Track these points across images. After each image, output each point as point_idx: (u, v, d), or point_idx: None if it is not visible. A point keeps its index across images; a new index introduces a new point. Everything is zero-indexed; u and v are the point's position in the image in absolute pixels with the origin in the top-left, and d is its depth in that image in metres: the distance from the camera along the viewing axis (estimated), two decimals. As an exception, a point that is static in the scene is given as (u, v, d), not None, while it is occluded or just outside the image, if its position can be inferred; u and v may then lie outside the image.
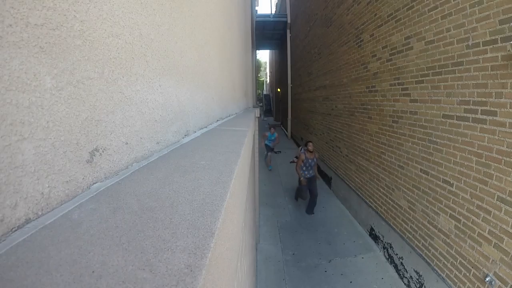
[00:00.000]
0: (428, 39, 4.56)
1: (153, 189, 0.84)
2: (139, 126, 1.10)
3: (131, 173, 0.98)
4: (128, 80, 1.02)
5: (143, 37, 1.13)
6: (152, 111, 1.22)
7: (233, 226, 0.98)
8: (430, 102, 4.58)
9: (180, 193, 0.82)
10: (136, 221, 0.64)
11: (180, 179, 0.94)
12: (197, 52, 2.02)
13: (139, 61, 1.10)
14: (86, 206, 0.71)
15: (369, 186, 7.12)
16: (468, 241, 3.84)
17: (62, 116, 0.68)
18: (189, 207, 0.73)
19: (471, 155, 3.78)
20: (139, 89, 1.10)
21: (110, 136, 0.91)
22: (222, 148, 1.47)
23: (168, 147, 1.41)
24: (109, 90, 0.90)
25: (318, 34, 11.88)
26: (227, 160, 1.23)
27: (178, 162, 1.14)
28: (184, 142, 1.60)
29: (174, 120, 1.51)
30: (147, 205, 0.72)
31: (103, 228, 0.61)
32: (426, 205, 4.80)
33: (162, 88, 1.34)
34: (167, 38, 1.39)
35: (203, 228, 0.62)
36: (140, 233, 0.59)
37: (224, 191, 0.85)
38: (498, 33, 3.29)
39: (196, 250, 0.54)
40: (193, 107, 1.90)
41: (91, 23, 0.81)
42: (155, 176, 0.96)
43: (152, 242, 0.56)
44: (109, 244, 0.55)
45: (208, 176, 0.98)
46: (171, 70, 1.46)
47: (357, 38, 7.62)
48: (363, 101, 7.30)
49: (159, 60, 1.29)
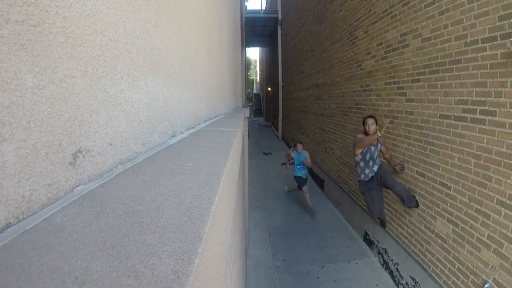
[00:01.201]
0: (425, 36, 4.61)
1: (139, 192, 0.84)
2: (124, 126, 1.10)
3: (115, 176, 0.98)
4: (112, 79, 1.01)
5: (128, 34, 1.13)
6: (137, 111, 1.23)
7: (222, 231, 0.98)
8: (427, 102, 4.64)
9: (167, 196, 0.82)
10: (120, 226, 0.64)
11: (166, 182, 0.94)
12: (184, 49, 2.03)
13: (124, 59, 1.10)
14: (69, 209, 0.71)
15: (364, 190, 7.13)
16: (466, 246, 3.89)
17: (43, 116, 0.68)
18: (176, 211, 0.73)
19: (470, 157, 3.83)
20: (124, 88, 1.10)
21: (94, 137, 0.91)
22: (211, 150, 1.48)
23: (154, 149, 1.41)
24: (93, 89, 0.90)
25: (310, 31, 11.94)
26: (215, 161, 1.23)
27: (164, 164, 1.15)
28: (171, 143, 1.60)
29: (160, 120, 1.51)
30: (132, 209, 0.72)
31: (87, 232, 0.60)
32: (422, 209, 4.84)
33: (148, 87, 1.34)
34: (153, 35, 1.40)
35: (191, 232, 0.62)
36: (125, 238, 0.59)
37: (212, 194, 0.85)
38: (497, 29, 3.34)
39: (183, 255, 0.54)
40: (180, 107, 1.90)
41: (74, 20, 0.81)
42: (140, 179, 0.96)
43: (138, 247, 0.56)
44: (92, 249, 0.54)
45: (196, 179, 0.98)
46: (157, 68, 1.46)
47: (350, 35, 7.67)
48: (357, 101, 7.34)
49: (144, 58, 1.30)
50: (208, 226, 0.67)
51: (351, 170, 7.82)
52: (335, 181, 9.12)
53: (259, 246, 7.00)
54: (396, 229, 5.66)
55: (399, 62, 5.39)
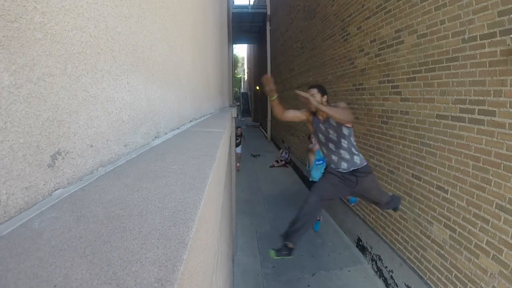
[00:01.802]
0: (421, 32, 4.65)
1: (121, 196, 0.84)
2: (105, 127, 1.10)
3: (96, 179, 0.97)
4: (93, 77, 1.01)
5: (109, 30, 1.12)
6: (119, 111, 1.22)
7: (208, 236, 0.98)
8: (423, 101, 4.68)
9: (150, 200, 0.82)
10: (101, 231, 0.64)
11: (150, 185, 0.94)
12: (168, 46, 2.02)
13: (105, 56, 1.09)
14: (48, 214, 0.70)
15: (357, 193, 7.15)
16: (464, 253, 3.93)
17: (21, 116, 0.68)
18: (160, 215, 0.73)
19: (468, 159, 3.87)
20: (105, 87, 1.10)
21: (74, 138, 0.91)
22: (196, 151, 1.47)
23: (137, 150, 1.40)
24: (73, 88, 0.90)
25: (301, 26, 11.99)
26: (201, 164, 1.24)
27: (147, 167, 1.14)
28: (155, 144, 1.60)
29: (143, 120, 1.50)
30: (113, 214, 0.72)
31: (66, 238, 0.60)
32: (418, 214, 4.89)
33: (130, 85, 1.33)
34: (135, 31, 1.39)
35: (175, 238, 0.62)
36: (106, 244, 0.59)
37: (198, 198, 0.85)
38: (497, 25, 3.37)
39: (168, 262, 0.54)
40: (164, 107, 1.90)
41: (53, 15, 0.80)
42: (122, 182, 0.96)
43: (119, 253, 0.56)
44: (72, 256, 0.54)
45: (181, 182, 0.99)
46: (140, 66, 1.46)
47: (343, 31, 7.71)
48: (350, 100, 7.37)
49: (127, 55, 1.29)
50: (194, 231, 0.67)
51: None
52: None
53: (247, 252, 6.98)
54: (391, 234, 5.70)
55: (393, 60, 5.43)
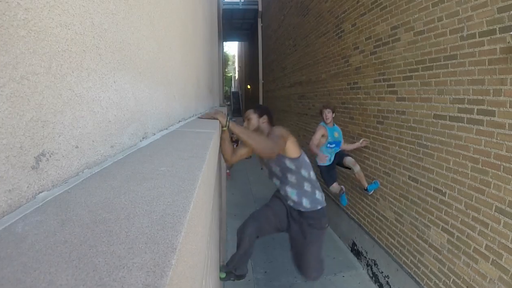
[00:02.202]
0: (418, 29, 4.67)
1: (107, 199, 0.83)
2: (91, 127, 1.07)
3: (82, 181, 0.96)
4: (78, 76, 0.99)
5: (95, 27, 1.11)
6: (105, 111, 1.20)
7: (198, 241, 0.97)
8: (420, 101, 4.69)
9: (138, 203, 0.81)
10: (87, 235, 0.63)
11: (137, 188, 0.93)
12: (156, 43, 2.00)
13: (91, 54, 1.07)
14: (31, 218, 0.69)
15: (351, 196, 7.22)
16: (463, 258, 3.95)
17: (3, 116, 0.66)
18: (148, 219, 0.72)
19: (466, 161, 3.89)
20: (91, 86, 1.08)
21: (58, 139, 0.88)
22: (185, 153, 1.46)
23: (124, 151, 1.39)
24: (57, 87, 0.88)
25: (293, 23, 12.01)
26: (190, 166, 1.22)
27: (135, 168, 1.13)
28: (142, 145, 1.58)
29: (130, 120, 1.48)
30: (100, 217, 0.71)
31: (51, 242, 0.59)
32: (415, 217, 4.90)
33: (117, 84, 1.31)
34: (122, 28, 1.37)
35: (164, 243, 0.62)
36: (92, 248, 0.58)
37: (187, 201, 0.84)
38: (496, 22, 3.38)
39: (156, 267, 0.53)
40: (152, 106, 1.88)
41: (37, 11, 0.78)
42: (109, 184, 0.94)
43: (106, 258, 0.55)
44: (57, 261, 0.53)
45: (169, 184, 0.97)
46: (127, 64, 1.44)
47: (337, 28, 7.73)
48: (344, 100, 7.41)
49: (113, 53, 1.27)
50: (183, 235, 0.66)
51: (338, 175, 7.85)
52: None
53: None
54: (387, 238, 5.72)
55: (389, 58, 5.45)
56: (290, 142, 3.60)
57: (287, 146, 3.59)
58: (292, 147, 3.64)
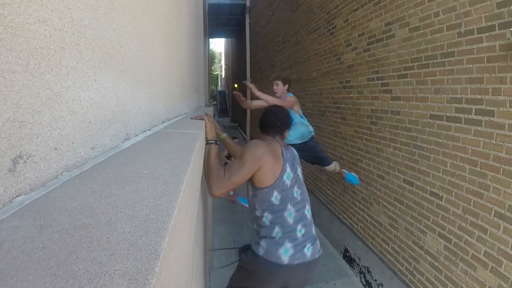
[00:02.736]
0: (413, 25, 4.65)
1: (87, 203, 0.84)
2: (70, 128, 1.08)
3: (61, 184, 0.97)
4: (57, 74, 0.99)
5: (75, 23, 1.11)
6: (86, 111, 1.21)
7: (182, 247, 0.99)
8: (415, 100, 4.67)
9: (119, 207, 0.82)
10: (67, 241, 0.64)
11: (119, 191, 0.95)
12: (139, 40, 2.02)
13: (70, 52, 1.08)
14: (8, 223, 0.70)
15: (343, 200, 7.21)
16: (460, 265, 3.92)
17: (-22, 116, 0.66)
18: (130, 224, 0.73)
19: (464, 163, 3.86)
20: (71, 85, 1.08)
21: (36, 141, 0.89)
22: (169, 155, 1.49)
23: (105, 153, 1.40)
24: (35, 86, 0.88)
25: (283, 19, 12.00)
26: (174, 168, 1.25)
27: (116, 171, 1.15)
28: (124, 147, 1.60)
29: (112, 121, 1.50)
30: (80, 222, 0.73)
31: (28, 249, 0.60)
32: (410, 222, 4.88)
33: (98, 83, 1.32)
34: (103, 24, 1.38)
35: (147, 249, 0.62)
36: (71, 255, 0.59)
37: (171, 206, 0.86)
38: (495, 18, 3.35)
39: (138, 275, 0.53)
40: (134, 106, 1.90)
41: (14, 7, 0.79)
42: (89, 188, 0.96)
43: (86, 265, 0.56)
44: (35, 268, 0.54)
45: (153, 188, 0.99)
46: (109, 62, 1.45)
47: (328, 24, 7.72)
48: (336, 99, 7.40)
49: (94, 50, 1.28)
50: (167, 241, 0.67)
51: (329, 178, 7.85)
52: (311, 191, 9.12)
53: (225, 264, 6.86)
54: (380, 245, 5.69)
55: (383, 55, 5.43)
56: (264, 166, 3.02)
57: (259, 171, 3.02)
58: (263, 172, 3.04)
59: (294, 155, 3.47)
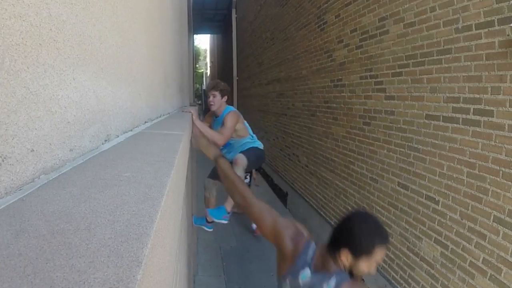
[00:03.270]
0: (408, 20, 4.64)
1: (66, 208, 0.84)
2: (48, 129, 1.08)
3: (38, 188, 0.97)
4: (34, 72, 0.98)
5: (52, 19, 1.09)
6: (64, 111, 1.20)
7: (166, 254, 0.99)
8: (410, 99, 4.67)
9: (99, 212, 0.82)
10: (44, 247, 0.63)
11: (99, 195, 0.94)
12: (120, 36, 2.01)
13: (48, 48, 1.07)
14: None
15: (335, 204, 7.20)
16: (458, 273, 3.91)
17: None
18: (111, 230, 0.73)
19: (462, 165, 3.85)
20: (48, 83, 1.08)
21: (12, 142, 0.88)
22: (152, 157, 1.51)
23: (84, 155, 1.41)
24: (11, 85, 0.87)
25: (271, 14, 12.01)
26: (157, 171, 1.26)
27: (96, 174, 1.15)
28: (104, 148, 1.60)
29: (91, 121, 1.49)
30: (58, 228, 0.72)
31: (3, 256, 0.59)
32: (405, 228, 4.87)
33: (77, 81, 1.31)
34: (83, 19, 1.37)
35: (128, 256, 0.62)
36: (49, 262, 0.58)
37: (153, 210, 0.85)
38: (495, 13, 3.35)
39: (119, 283, 0.53)
40: (115, 106, 1.89)
41: None
42: (68, 192, 0.96)
43: (64, 273, 0.55)
44: (10, 276, 0.53)
45: (134, 192, 0.99)
46: (88, 59, 1.44)
47: (319, 20, 7.72)
48: (327, 98, 7.40)
49: (73, 47, 1.27)
50: (149, 248, 0.67)
51: (320, 181, 7.85)
52: (301, 194, 9.13)
53: (210, 272, 6.96)
54: (374, 251, 5.64)
55: (377, 52, 5.43)
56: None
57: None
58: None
59: None
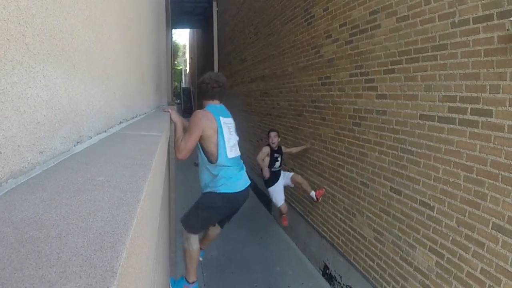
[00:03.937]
0: (401, 14, 4.64)
1: (35, 214, 0.84)
2: (16, 130, 1.07)
3: (5, 193, 0.98)
4: (1, 69, 0.98)
5: (21, 12, 1.09)
6: (33, 110, 1.20)
7: (142, 263, 1.00)
8: (403, 98, 4.67)
9: (71, 219, 0.83)
10: (12, 256, 0.64)
11: (70, 201, 0.95)
12: (93, 31, 2.00)
13: (16, 44, 1.07)
14: None
15: (322, 210, 7.22)
16: (454, 283, 3.91)
17: None
18: (83, 237, 0.73)
19: (458, 169, 3.85)
20: (17, 81, 1.07)
21: None
22: (127, 160, 1.53)
23: (55, 158, 1.41)
24: None
25: (255, 7, 12.02)
26: (133, 175, 1.28)
27: (68, 178, 1.17)
28: (77, 151, 1.62)
29: (63, 122, 1.48)
30: (27, 235, 0.73)
31: None
32: (398, 236, 4.87)
33: (47, 79, 1.31)
34: (53, 13, 1.35)
35: (102, 265, 0.62)
36: (17, 272, 0.58)
37: (129, 217, 0.87)
38: (493, 6, 3.35)
39: None
40: (88, 105, 1.88)
41: None
42: (37, 197, 0.96)
43: (34, 284, 0.55)
44: None
45: (108, 197, 1.00)
46: (59, 55, 1.43)
47: (306, 13, 7.72)
48: (315, 97, 7.41)
49: (43, 43, 1.26)
50: (124, 257, 0.67)
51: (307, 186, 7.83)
52: (286, 200, 9.07)
53: (189, 283, 6.92)
54: (364, 261, 5.69)
55: (368, 48, 5.43)
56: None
57: None
58: None
59: None
